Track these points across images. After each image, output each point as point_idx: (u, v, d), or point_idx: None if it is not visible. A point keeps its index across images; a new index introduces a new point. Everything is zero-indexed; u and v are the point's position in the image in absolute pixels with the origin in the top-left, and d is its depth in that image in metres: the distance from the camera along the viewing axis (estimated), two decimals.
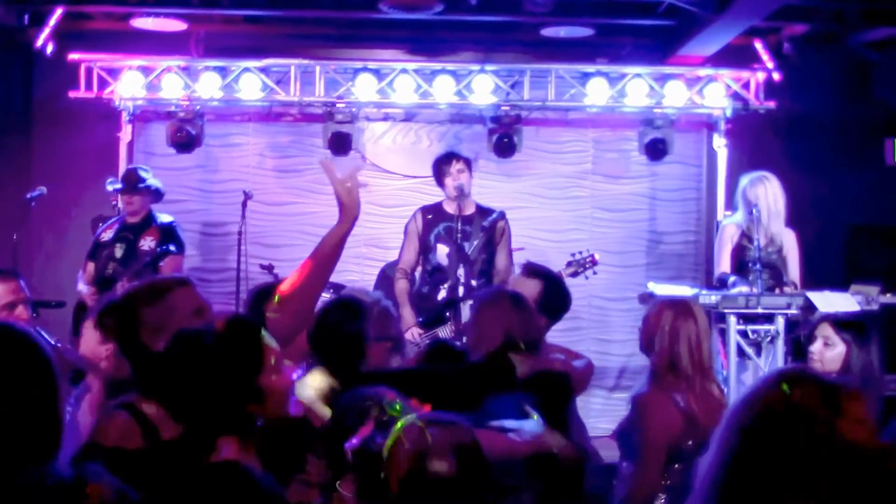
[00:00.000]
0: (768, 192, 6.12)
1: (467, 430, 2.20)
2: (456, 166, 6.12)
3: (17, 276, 4.07)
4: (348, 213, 3.08)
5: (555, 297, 4.29)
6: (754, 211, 6.03)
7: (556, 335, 7.87)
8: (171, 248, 6.29)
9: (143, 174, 6.61)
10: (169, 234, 6.50)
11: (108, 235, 6.55)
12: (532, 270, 4.41)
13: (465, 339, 3.73)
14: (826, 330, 4.10)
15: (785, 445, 1.63)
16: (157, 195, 6.67)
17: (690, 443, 3.52)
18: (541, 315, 4.07)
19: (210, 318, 2.70)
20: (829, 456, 1.61)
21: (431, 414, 2.29)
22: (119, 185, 6.65)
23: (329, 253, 3.02)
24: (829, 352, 4.05)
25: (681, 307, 3.75)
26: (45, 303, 6.42)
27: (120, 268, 6.35)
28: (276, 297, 2.96)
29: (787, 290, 6.05)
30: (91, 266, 6.52)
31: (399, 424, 2.18)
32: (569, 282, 7.34)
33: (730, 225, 6.35)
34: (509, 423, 3.22)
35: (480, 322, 3.60)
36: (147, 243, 6.41)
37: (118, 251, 6.43)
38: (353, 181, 3.01)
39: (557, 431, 3.12)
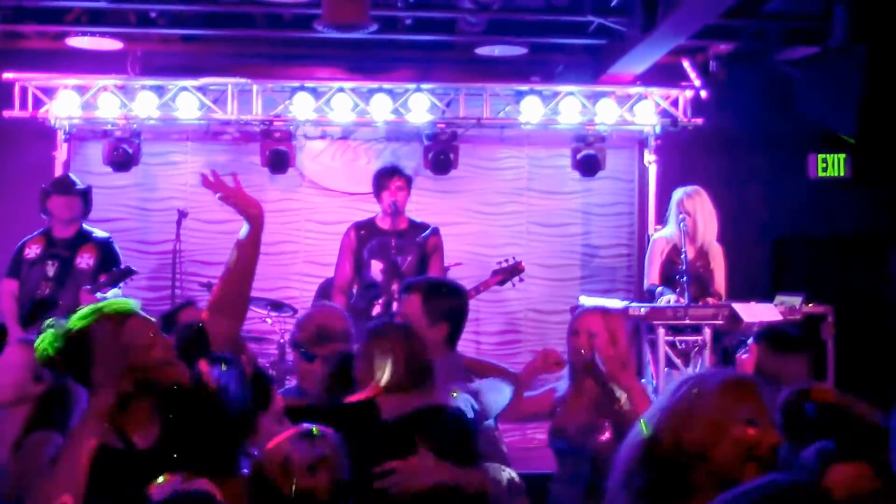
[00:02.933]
0: (700, 206, 6.33)
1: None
2: (396, 182, 6.18)
3: None
4: (251, 216, 3.23)
5: (439, 301, 4.08)
6: (682, 225, 6.22)
7: (495, 347, 8.07)
8: (133, 268, 6.08)
9: (76, 179, 6.37)
10: (109, 249, 6.24)
11: (33, 252, 6.12)
12: (407, 287, 4.25)
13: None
14: (751, 340, 4.33)
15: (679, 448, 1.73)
16: (89, 203, 6.37)
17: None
18: (441, 322, 4.01)
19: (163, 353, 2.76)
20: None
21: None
22: (57, 188, 6.30)
23: (248, 254, 3.15)
24: (745, 358, 4.25)
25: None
26: None
27: (57, 288, 6.00)
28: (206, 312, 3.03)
29: (712, 300, 6.24)
30: (14, 285, 6.10)
31: None
32: (502, 294, 7.57)
33: (660, 238, 6.54)
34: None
35: (367, 355, 3.37)
36: (84, 260, 6.08)
37: (50, 269, 6.04)
38: (230, 188, 3.10)
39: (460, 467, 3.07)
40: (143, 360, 2.68)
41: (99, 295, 5.77)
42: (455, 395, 3.54)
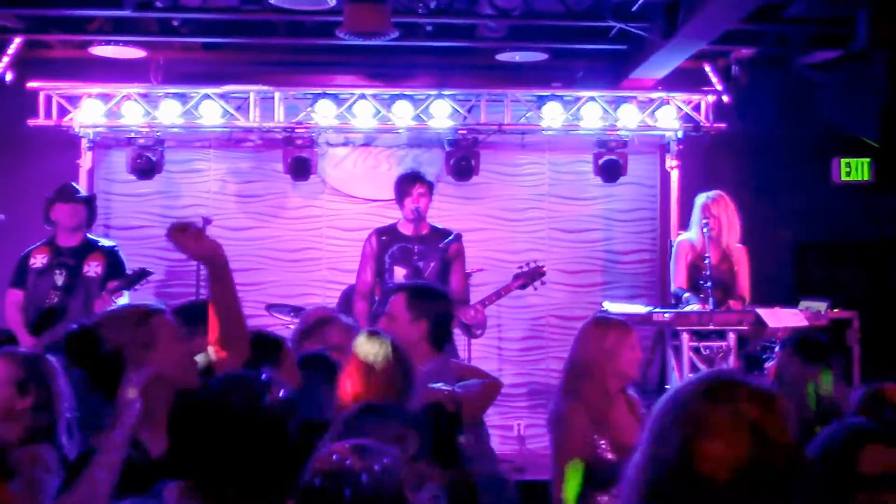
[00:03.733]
0: (723, 209, 6.32)
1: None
2: (419, 189, 6.20)
3: None
4: (212, 264, 3.07)
5: (423, 300, 4.13)
6: (705, 230, 6.21)
7: (517, 353, 8.07)
8: (148, 269, 6.04)
9: (79, 188, 6.33)
10: (116, 258, 6.19)
11: (39, 261, 6.08)
12: (394, 288, 4.38)
13: None
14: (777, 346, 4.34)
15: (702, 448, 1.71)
16: (93, 213, 6.37)
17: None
18: (422, 319, 4.04)
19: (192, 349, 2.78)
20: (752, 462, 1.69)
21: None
22: (60, 196, 6.25)
23: (219, 292, 3.04)
24: (771, 365, 4.26)
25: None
26: None
27: (65, 297, 5.97)
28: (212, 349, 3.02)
29: (735, 304, 6.22)
30: (19, 295, 6.06)
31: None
32: (524, 299, 7.57)
33: (684, 241, 6.54)
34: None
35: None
36: (93, 269, 6.04)
37: (59, 278, 6.01)
38: (192, 235, 3.03)
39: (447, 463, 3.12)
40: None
41: (115, 300, 5.83)
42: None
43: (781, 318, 6.03)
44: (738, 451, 1.70)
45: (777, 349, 4.39)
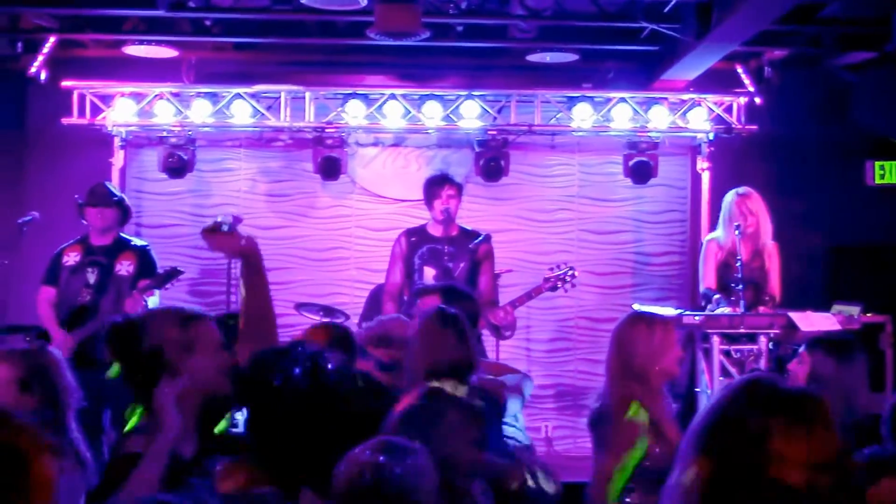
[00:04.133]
0: (756, 206, 6.26)
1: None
2: (448, 191, 6.19)
3: None
4: (247, 259, 3.13)
5: (456, 304, 4.10)
6: (737, 232, 6.15)
7: (545, 355, 8.05)
8: (179, 269, 6.07)
9: (112, 189, 6.37)
10: (147, 257, 6.22)
11: (72, 259, 6.12)
12: (425, 290, 4.43)
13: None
14: (802, 349, 4.26)
15: (748, 459, 1.69)
16: (126, 213, 6.39)
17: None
18: None
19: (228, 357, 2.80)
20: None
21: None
22: (90, 199, 6.24)
23: (261, 288, 3.07)
24: (799, 369, 4.19)
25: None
26: (26, 328, 6.19)
27: (97, 295, 6.00)
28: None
29: (766, 305, 6.17)
30: (52, 292, 6.10)
31: None
32: (553, 301, 7.54)
33: (712, 241, 6.48)
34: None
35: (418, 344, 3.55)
36: (125, 267, 6.07)
37: (91, 276, 6.05)
38: (225, 234, 3.08)
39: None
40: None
41: (146, 298, 5.88)
42: None
43: (814, 322, 5.97)
44: (810, 453, 1.69)
45: (802, 350, 4.31)
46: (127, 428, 2.79)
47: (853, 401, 4.03)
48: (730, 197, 6.37)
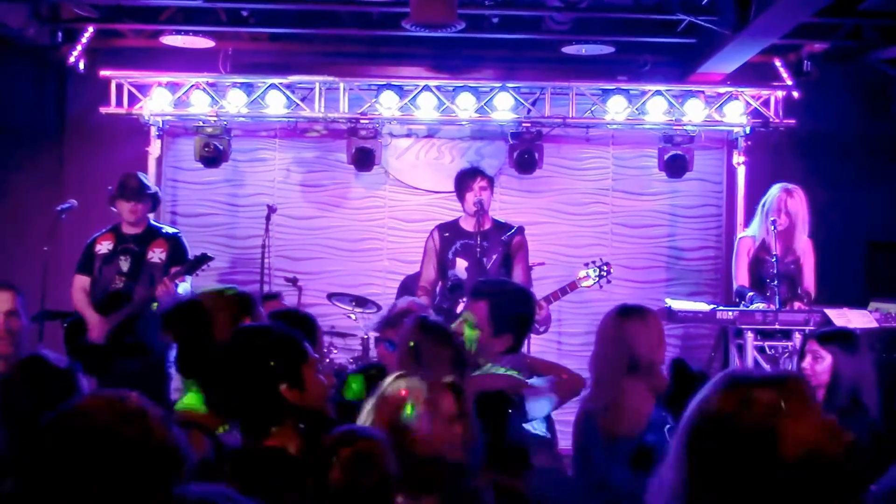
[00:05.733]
0: (801, 204, 6.18)
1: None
2: (479, 183, 6.18)
3: (12, 288, 4.20)
4: None
5: (506, 310, 4.04)
6: (772, 228, 6.08)
7: (580, 348, 8.01)
8: (209, 254, 6.09)
9: (145, 181, 6.41)
10: (179, 244, 6.28)
11: (105, 248, 6.21)
12: (475, 292, 4.19)
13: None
14: (813, 345, 4.18)
15: (737, 452, 1.69)
16: (156, 202, 6.50)
17: None
18: (507, 333, 3.97)
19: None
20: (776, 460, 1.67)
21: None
22: (122, 192, 6.26)
23: None
24: (818, 365, 4.11)
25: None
26: (63, 314, 6.29)
27: (130, 282, 6.09)
28: None
29: (801, 301, 6.10)
30: (86, 280, 6.20)
31: None
32: (585, 295, 7.50)
33: (746, 238, 6.42)
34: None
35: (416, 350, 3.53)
36: (157, 255, 6.14)
37: (124, 264, 6.14)
38: None
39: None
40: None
41: (177, 284, 5.93)
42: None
43: (850, 319, 5.89)
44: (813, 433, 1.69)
45: (815, 347, 4.20)
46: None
47: (869, 393, 3.98)
48: (775, 191, 6.25)
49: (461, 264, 6.10)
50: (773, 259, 6.00)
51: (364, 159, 7.69)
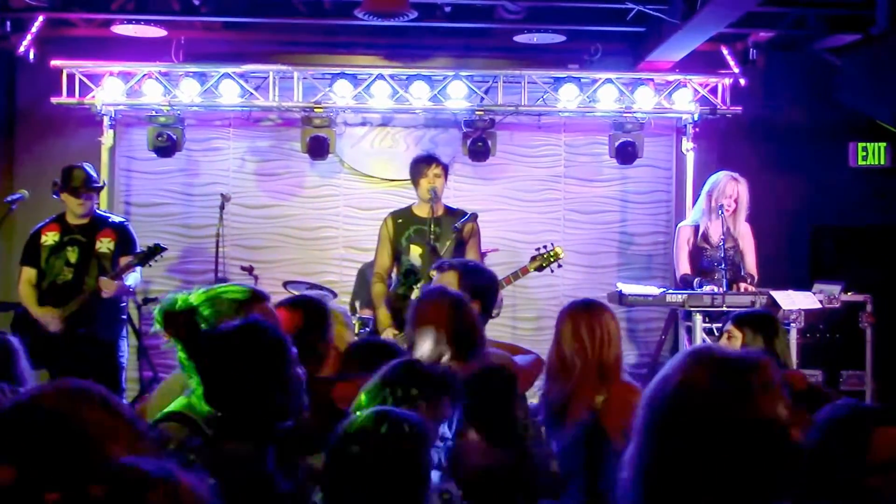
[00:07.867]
0: (744, 190, 6.34)
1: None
2: (434, 170, 6.22)
3: None
4: None
5: (473, 279, 4.20)
6: (720, 213, 6.23)
7: (531, 333, 8.12)
8: (161, 245, 6.00)
9: (92, 173, 6.23)
10: (127, 232, 6.16)
11: (51, 239, 6.04)
12: (442, 266, 4.41)
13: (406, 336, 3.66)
14: (728, 325, 4.35)
15: (704, 427, 1.75)
16: (99, 193, 6.33)
17: None
18: (475, 300, 4.02)
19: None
20: (743, 435, 1.74)
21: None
22: (68, 187, 6.08)
23: None
24: (730, 345, 4.26)
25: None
26: (11, 305, 6.22)
27: (80, 273, 5.94)
28: None
29: (746, 283, 6.26)
30: (32, 273, 6.01)
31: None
32: (538, 280, 7.61)
33: (685, 227, 6.56)
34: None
35: (420, 320, 3.50)
36: (105, 244, 6.00)
37: (72, 255, 5.99)
38: None
39: (502, 431, 3.14)
40: None
41: (124, 277, 5.90)
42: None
43: (795, 301, 6.07)
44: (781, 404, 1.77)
45: (730, 327, 4.35)
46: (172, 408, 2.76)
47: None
48: (721, 177, 6.39)
49: (415, 251, 6.15)
50: (721, 243, 6.15)
51: (318, 148, 7.72)
